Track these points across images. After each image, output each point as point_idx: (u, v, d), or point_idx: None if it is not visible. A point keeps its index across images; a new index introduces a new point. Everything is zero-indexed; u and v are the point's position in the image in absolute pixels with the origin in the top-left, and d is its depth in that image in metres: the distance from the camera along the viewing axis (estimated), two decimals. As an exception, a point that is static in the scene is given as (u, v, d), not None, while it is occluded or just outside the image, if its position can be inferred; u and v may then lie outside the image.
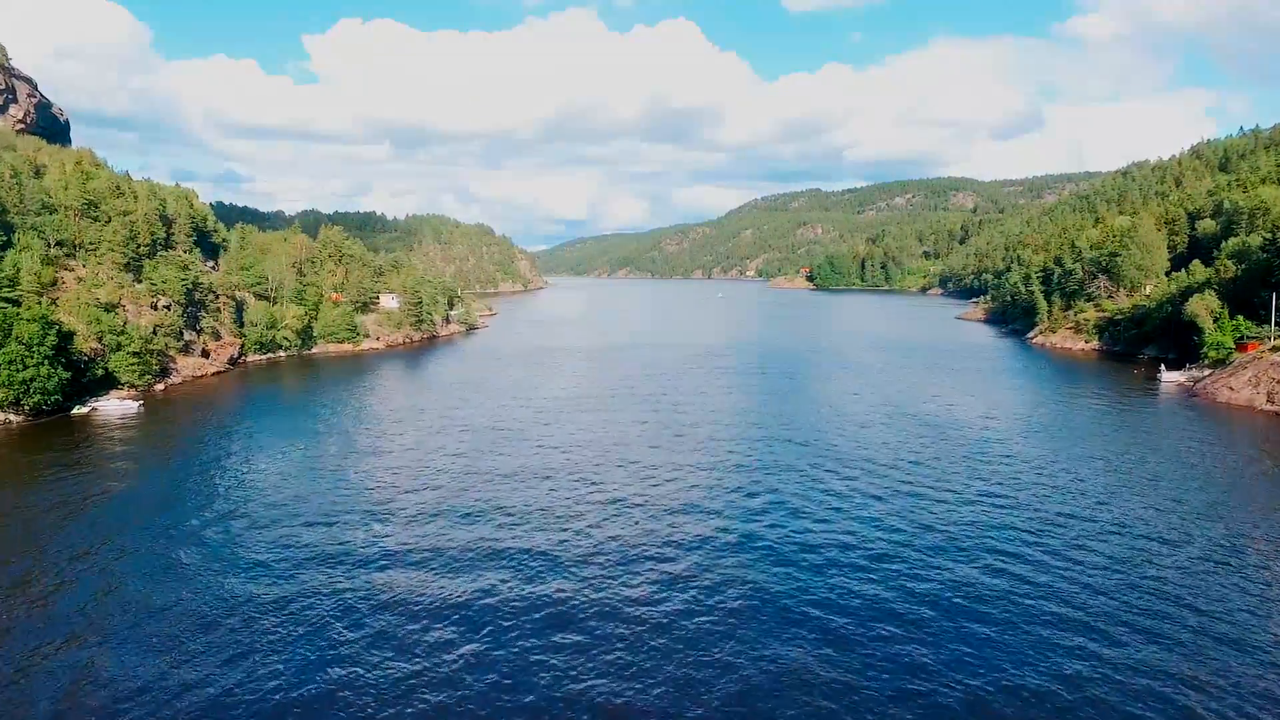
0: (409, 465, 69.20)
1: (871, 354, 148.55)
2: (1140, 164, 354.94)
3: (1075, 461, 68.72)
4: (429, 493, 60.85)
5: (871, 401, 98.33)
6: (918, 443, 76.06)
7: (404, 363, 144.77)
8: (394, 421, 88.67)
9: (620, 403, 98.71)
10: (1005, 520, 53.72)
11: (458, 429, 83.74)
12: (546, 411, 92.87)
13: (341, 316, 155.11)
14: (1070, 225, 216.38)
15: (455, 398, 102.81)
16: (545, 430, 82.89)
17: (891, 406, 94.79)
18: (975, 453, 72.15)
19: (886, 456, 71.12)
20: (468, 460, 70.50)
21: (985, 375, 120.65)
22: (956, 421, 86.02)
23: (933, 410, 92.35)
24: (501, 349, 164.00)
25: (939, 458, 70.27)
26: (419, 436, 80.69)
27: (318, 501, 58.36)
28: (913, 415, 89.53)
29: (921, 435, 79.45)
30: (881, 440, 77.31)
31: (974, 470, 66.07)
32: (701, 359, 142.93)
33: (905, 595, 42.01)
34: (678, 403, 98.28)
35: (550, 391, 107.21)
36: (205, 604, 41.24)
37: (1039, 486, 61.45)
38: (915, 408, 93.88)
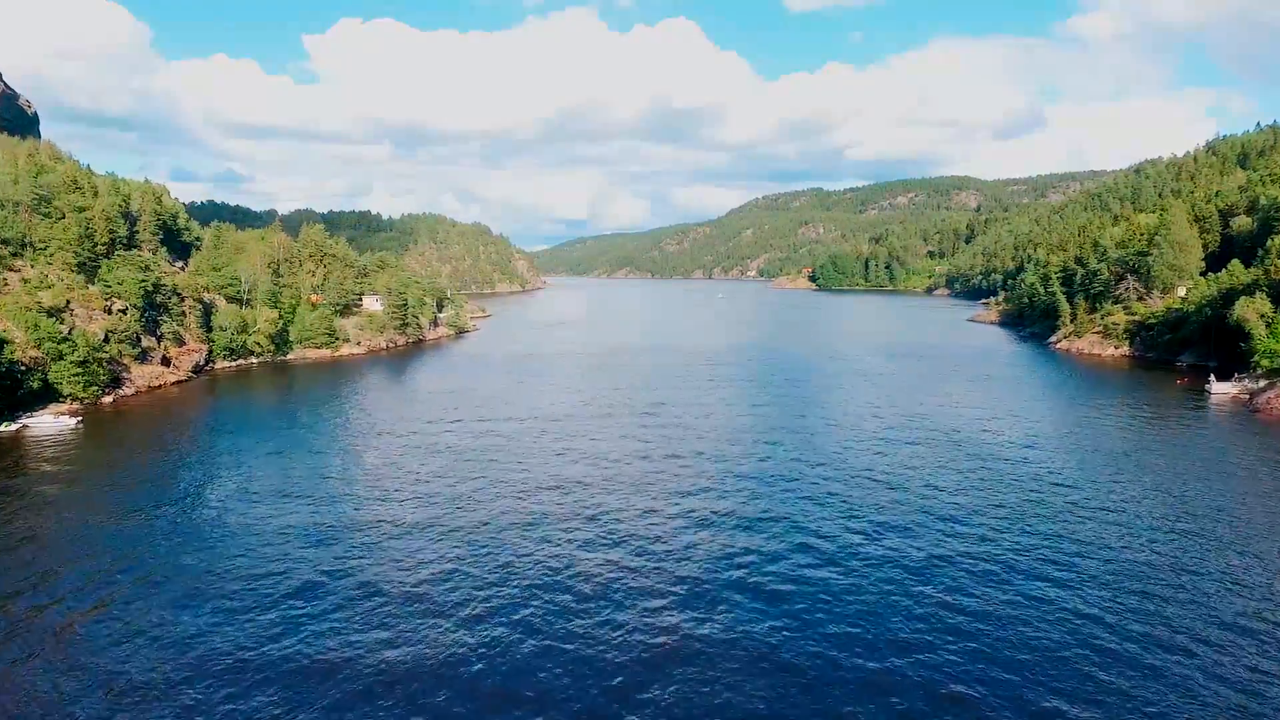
0: (361, 497, 59.80)
1: (882, 360, 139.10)
2: (1153, 161, 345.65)
3: (1130, 487, 59.35)
4: (380, 541, 51.45)
5: (890, 417, 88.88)
6: (949, 467, 66.66)
7: (383, 370, 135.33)
8: (356, 440, 79.20)
9: (615, 418, 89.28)
10: (1067, 560, 44.42)
11: (425, 451, 74.23)
12: (529, 431, 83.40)
13: (319, 320, 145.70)
14: (1089, 223, 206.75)
15: (431, 412, 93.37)
16: (526, 457, 73.41)
17: (912, 423, 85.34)
18: (1017, 479, 62.74)
19: (915, 483, 61.78)
20: (430, 498, 61.07)
21: (1010, 385, 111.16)
22: (988, 440, 76.58)
23: (959, 426, 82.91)
24: (491, 354, 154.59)
25: (978, 485, 60.89)
26: (380, 460, 71.24)
27: (256, 545, 48.99)
28: (938, 432, 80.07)
29: (951, 457, 70.05)
30: (907, 464, 67.88)
31: (1021, 500, 56.68)
32: (703, 366, 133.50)
33: (972, 658, 32.69)
34: (679, 419, 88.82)
35: (536, 404, 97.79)
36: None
37: (1096, 521, 52.09)
38: (939, 424, 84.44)
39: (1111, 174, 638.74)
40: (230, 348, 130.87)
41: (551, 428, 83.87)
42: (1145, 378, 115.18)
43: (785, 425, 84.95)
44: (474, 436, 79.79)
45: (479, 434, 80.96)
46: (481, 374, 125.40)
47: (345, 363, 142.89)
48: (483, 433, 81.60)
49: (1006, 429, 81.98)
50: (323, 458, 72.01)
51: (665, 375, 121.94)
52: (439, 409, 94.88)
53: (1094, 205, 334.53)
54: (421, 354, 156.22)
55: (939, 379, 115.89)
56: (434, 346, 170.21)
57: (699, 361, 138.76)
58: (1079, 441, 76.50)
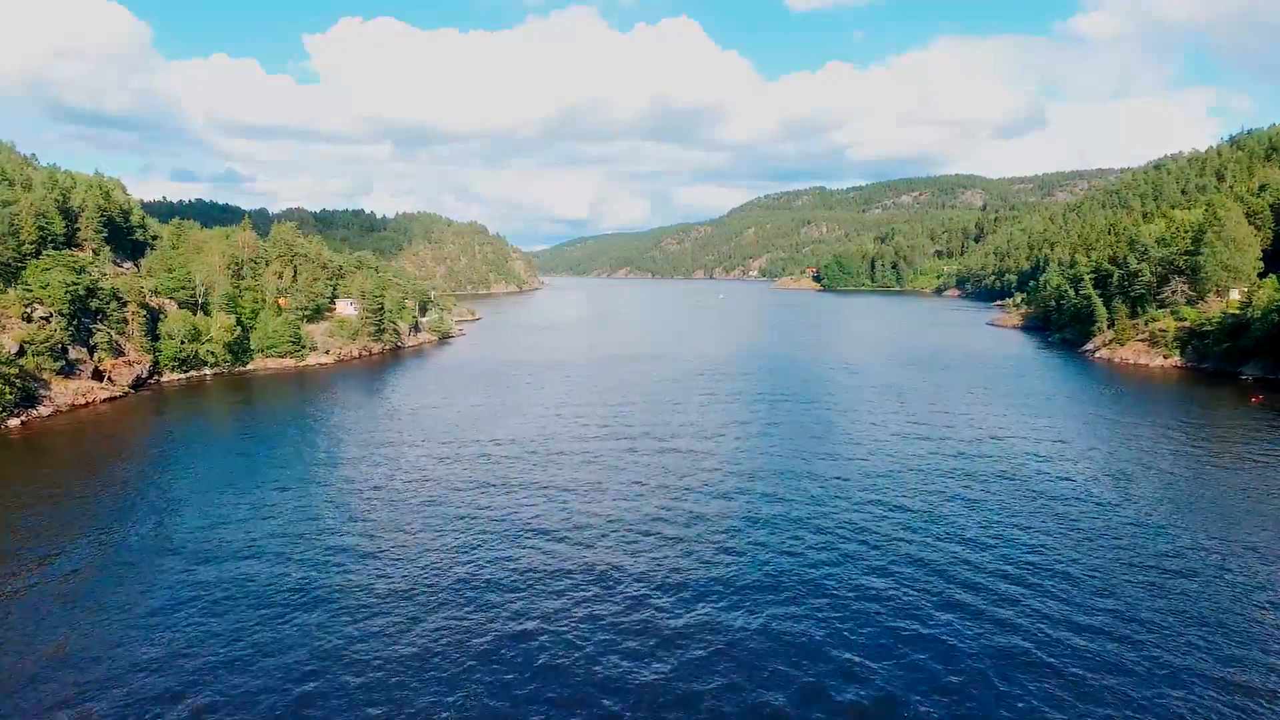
0: (281, 554, 46.56)
1: (903, 372, 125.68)
2: (1174, 156, 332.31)
3: (1228, 534, 46.10)
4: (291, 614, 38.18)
5: (924, 446, 75.52)
6: (1012, 520, 53.41)
7: (349, 383, 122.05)
8: (287, 475, 65.87)
9: (605, 446, 75.98)
10: (1159, 623, 31.23)
11: (370, 494, 61.00)
12: (501, 466, 70.09)
13: (283, 326, 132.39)
14: (1117, 221, 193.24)
15: (387, 439, 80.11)
16: (492, 502, 60.16)
17: (951, 453, 72.03)
18: (1097, 530, 49.52)
19: (970, 535, 48.57)
20: (374, 555, 47.83)
21: (1056, 404, 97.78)
22: (1049, 477, 63.25)
23: (1008, 456, 69.62)
24: (473, 364, 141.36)
25: (1049, 538, 47.66)
26: (319, 502, 58.03)
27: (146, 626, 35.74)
28: (985, 467, 66.78)
29: (1008, 500, 56.82)
30: (959, 513, 54.61)
31: (1112, 562, 43.44)
32: (705, 379, 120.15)
33: None
34: (679, 447, 75.48)
35: (514, 429, 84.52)
36: None
37: (1195, 580, 38.85)
38: (983, 454, 71.17)
39: (1120, 172, 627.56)
40: (179, 358, 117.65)
41: (527, 460, 70.58)
42: (1209, 394, 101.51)
43: (804, 454, 71.59)
44: (435, 469, 66.57)
45: (440, 469, 67.71)
46: (457, 389, 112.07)
47: (311, 374, 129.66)
48: (446, 467, 68.34)
49: (1069, 462, 68.63)
50: (243, 499, 58.74)
51: (664, 390, 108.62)
52: (397, 435, 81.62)
53: (1112, 202, 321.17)
54: (397, 364, 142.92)
55: (970, 396, 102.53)
56: (414, 354, 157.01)
57: (701, 373, 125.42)
58: (1164, 480, 63.14)
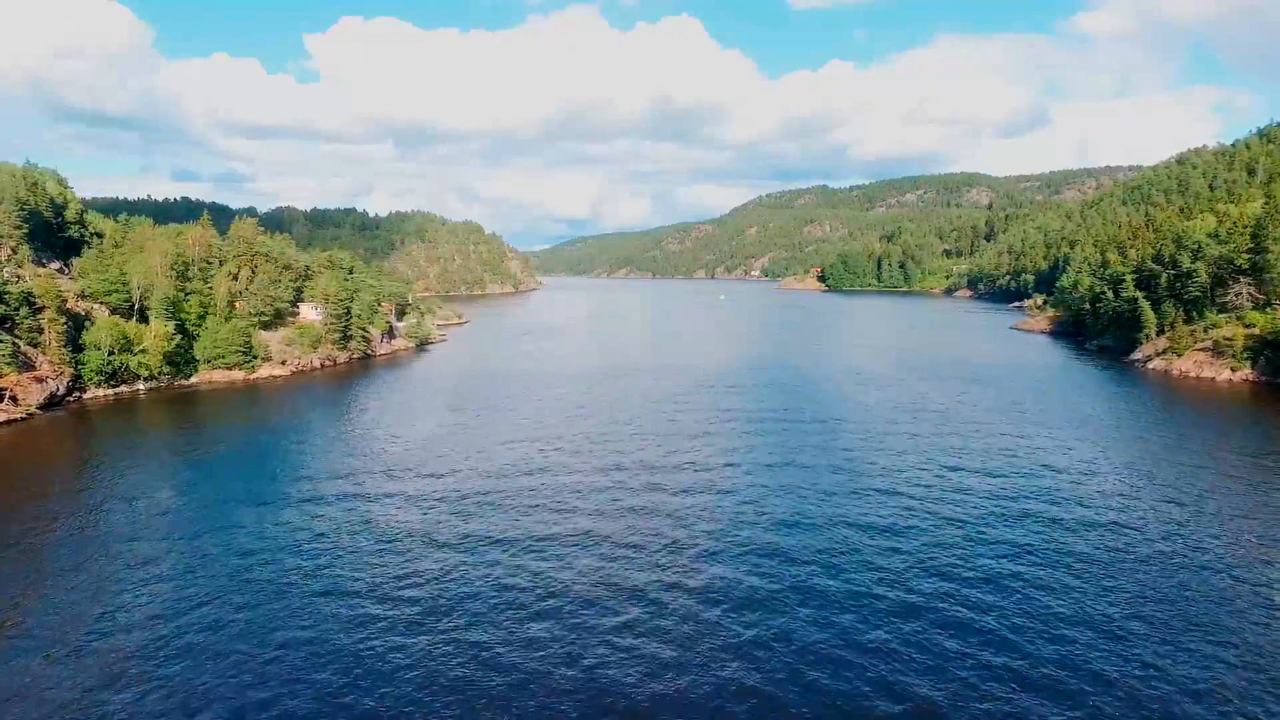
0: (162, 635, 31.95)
1: (932, 386, 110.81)
2: (1197, 150, 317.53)
3: None
4: None
5: (976, 487, 60.83)
6: (1103, 598, 38.77)
7: (300, 399, 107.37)
8: (181, 524, 51.20)
9: (580, 489, 61.29)
10: None
11: (288, 556, 46.31)
12: (447, 515, 55.38)
13: (231, 334, 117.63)
14: (1167, 216, 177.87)
15: (324, 472, 65.42)
16: (426, 567, 45.45)
17: (1011, 495, 57.37)
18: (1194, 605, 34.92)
19: (1055, 605, 33.95)
20: (284, 636, 33.19)
21: (1119, 428, 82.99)
22: (1141, 535, 48.57)
23: (1084, 500, 54.92)
24: (446, 376, 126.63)
25: (1161, 624, 33.04)
26: (217, 561, 43.40)
27: None
28: (1055, 516, 52.12)
29: (1097, 571, 42.16)
30: (1035, 586, 39.92)
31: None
32: (706, 395, 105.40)
33: None
34: (678, 490, 60.80)
35: (472, 463, 69.81)
36: None
37: None
38: (1051, 499, 56.51)
39: (1129, 169, 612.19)
40: (106, 371, 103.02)
41: (482, 510, 55.87)
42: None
43: (833, 500, 56.85)
44: (373, 515, 51.88)
45: (380, 516, 53.01)
46: (418, 409, 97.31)
47: (262, 387, 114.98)
48: (387, 514, 53.64)
49: (1160, 510, 53.89)
50: (114, 556, 44.03)
51: (660, 412, 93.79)
52: (335, 469, 66.92)
53: (1134, 199, 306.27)
54: (362, 376, 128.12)
55: (1017, 418, 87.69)
56: (386, 363, 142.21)
57: (705, 389, 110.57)
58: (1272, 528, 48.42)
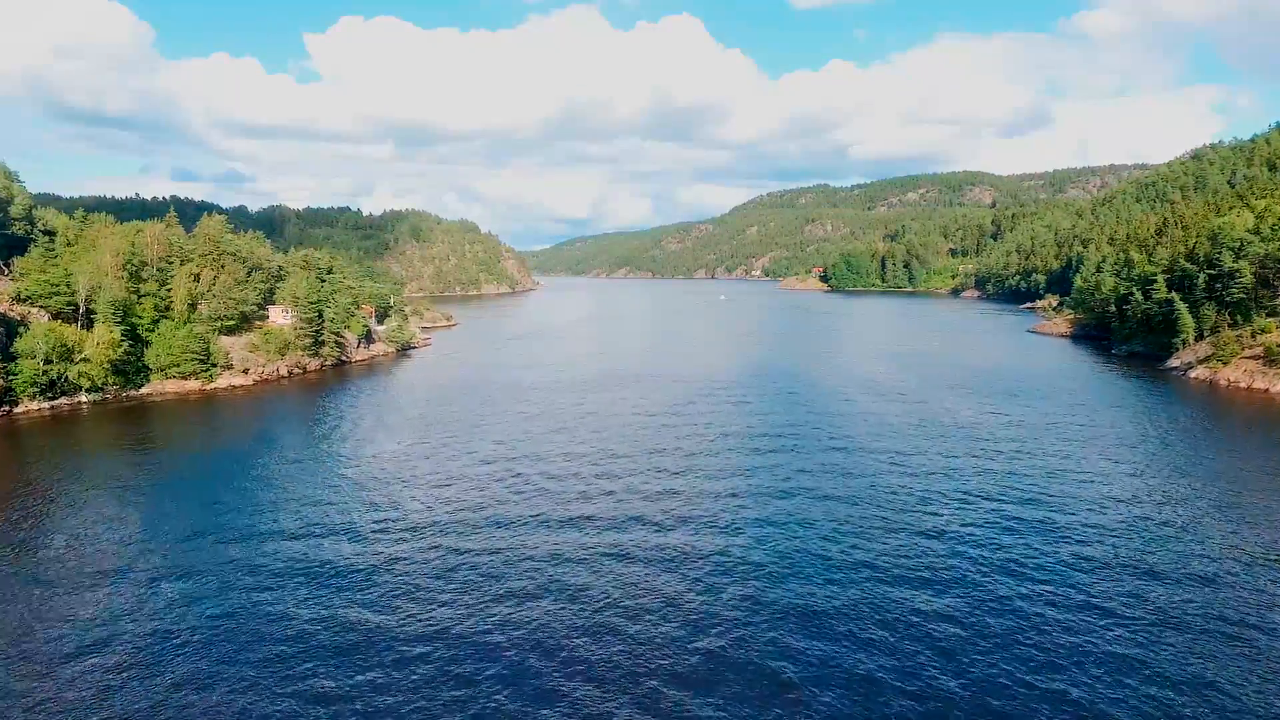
0: None
1: (957, 399, 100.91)
2: (1214, 145, 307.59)
3: None
4: None
5: (1017, 520, 51.04)
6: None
7: (258, 413, 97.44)
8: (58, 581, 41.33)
9: (554, 531, 51.45)
10: None
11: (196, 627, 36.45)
12: (400, 561, 45.47)
13: (187, 340, 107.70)
14: (1200, 212, 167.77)
15: (260, 506, 55.53)
16: (381, 646, 35.52)
17: (1062, 531, 47.54)
18: None
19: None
20: None
21: (1170, 451, 73.16)
22: (1231, 584, 38.80)
23: (1145, 542, 45.12)
24: (423, 386, 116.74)
25: None
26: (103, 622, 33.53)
27: None
28: (1108, 553, 42.33)
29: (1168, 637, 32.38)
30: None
31: None
32: (703, 410, 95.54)
33: None
34: (674, 537, 50.96)
35: (432, 496, 59.97)
36: None
37: None
38: (1104, 536, 46.71)
39: (1134, 167, 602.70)
40: (43, 382, 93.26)
41: (439, 558, 46.03)
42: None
43: (859, 543, 46.98)
44: (313, 556, 42.02)
45: (324, 557, 43.12)
46: (383, 425, 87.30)
47: (220, 399, 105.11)
48: (330, 556, 43.76)
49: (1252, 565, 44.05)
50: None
51: (656, 431, 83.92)
52: (275, 498, 57.04)
53: (1148, 196, 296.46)
54: (333, 385, 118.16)
55: (1059, 438, 77.76)
56: (362, 370, 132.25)
57: (703, 401, 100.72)
58: None
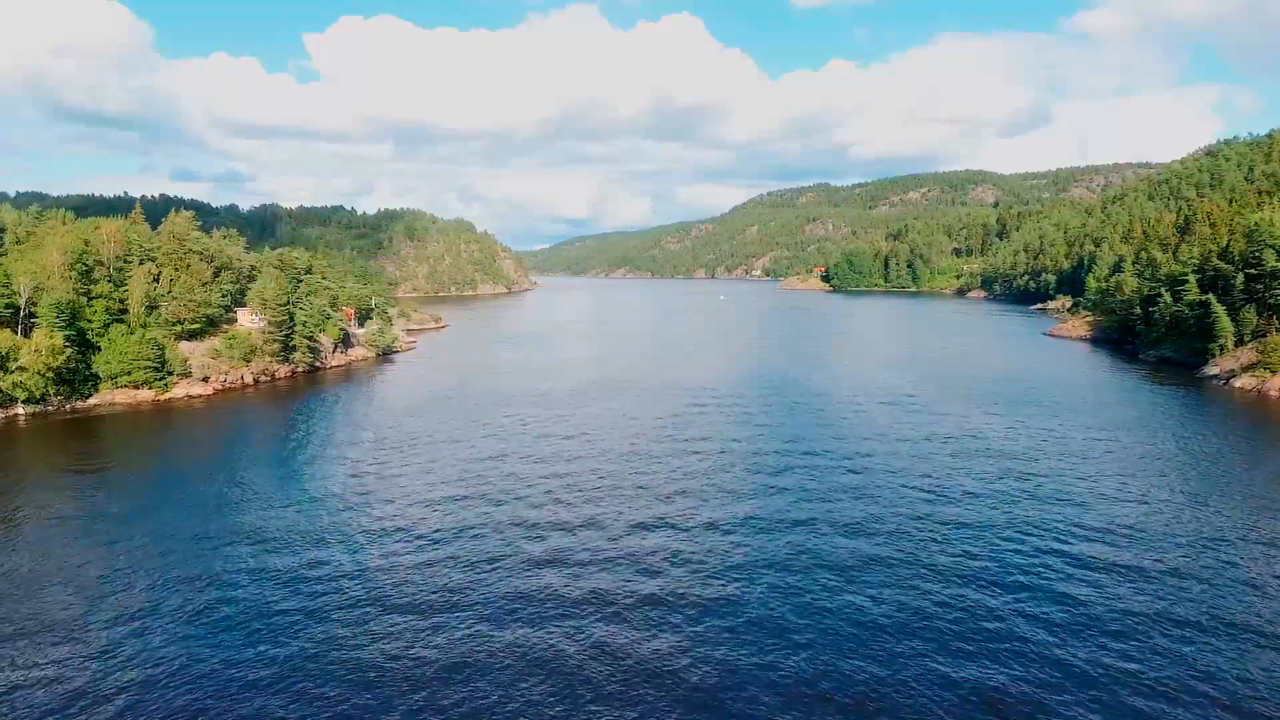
0: None
1: (975, 411, 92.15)
2: (1229, 141, 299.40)
3: None
4: None
5: (1080, 568, 42.40)
6: None
7: (211, 426, 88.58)
8: None
9: (523, 576, 42.72)
10: None
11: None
12: (343, 617, 36.69)
13: (139, 346, 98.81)
14: (1219, 209, 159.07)
15: (183, 535, 46.77)
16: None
17: (1137, 585, 38.88)
18: None
19: None
20: None
21: (1237, 480, 64.58)
22: None
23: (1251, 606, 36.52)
24: (399, 396, 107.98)
25: None
26: None
27: None
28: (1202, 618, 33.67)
29: None
30: None
31: None
32: (700, 424, 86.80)
33: None
34: (666, 594, 42.24)
35: (383, 543, 51.24)
36: None
37: None
38: (1197, 600, 38.07)
39: (1139, 166, 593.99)
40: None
41: (387, 614, 37.25)
42: None
43: (890, 594, 38.29)
44: (240, 598, 33.28)
45: (259, 599, 34.35)
46: (348, 442, 78.44)
47: (176, 409, 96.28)
48: (263, 598, 34.98)
49: None
50: None
51: (647, 452, 75.17)
52: (206, 530, 48.27)
53: (1161, 193, 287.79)
54: (302, 393, 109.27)
55: (1106, 462, 69.10)
56: (338, 377, 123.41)
57: (700, 413, 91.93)
58: None
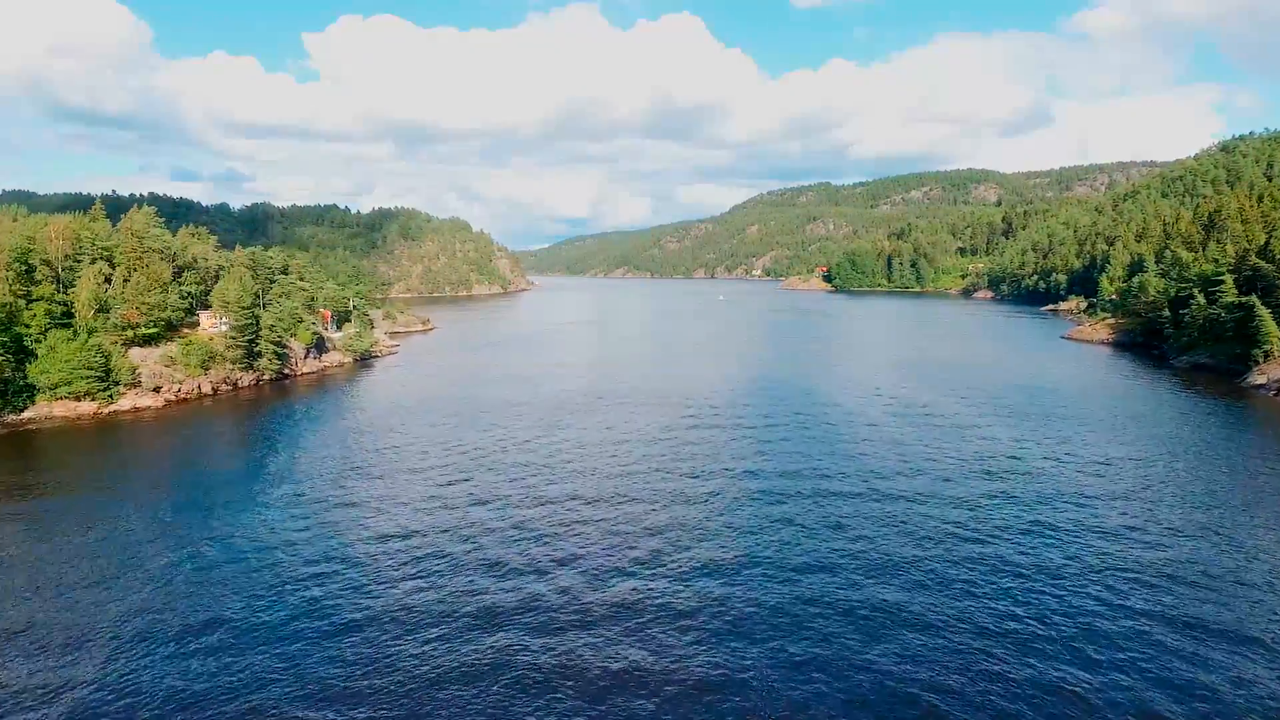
0: None
1: (1005, 428, 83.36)
2: (1244, 137, 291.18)
3: None
4: None
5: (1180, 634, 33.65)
6: None
7: (154, 445, 79.65)
8: None
9: (487, 631, 33.92)
10: None
11: None
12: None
13: (80, 353, 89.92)
14: (1251, 205, 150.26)
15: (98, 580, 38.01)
16: None
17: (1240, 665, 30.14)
18: None
19: None
20: None
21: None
22: None
23: None
24: (370, 409, 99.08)
25: None
26: None
27: None
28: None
29: None
30: None
31: None
32: (697, 441, 77.95)
33: None
34: (645, 631, 33.41)
35: (327, 593, 42.43)
36: None
37: None
38: None
39: (1143, 164, 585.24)
40: (-116, 409, 75.78)
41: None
42: None
43: (948, 669, 29.58)
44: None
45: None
46: (299, 469, 69.64)
47: (119, 424, 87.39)
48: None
49: None
50: None
51: (634, 476, 66.37)
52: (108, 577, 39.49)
53: (1175, 190, 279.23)
54: (266, 404, 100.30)
55: (1174, 490, 60.44)
56: (306, 386, 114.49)
57: (696, 429, 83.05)
58: None
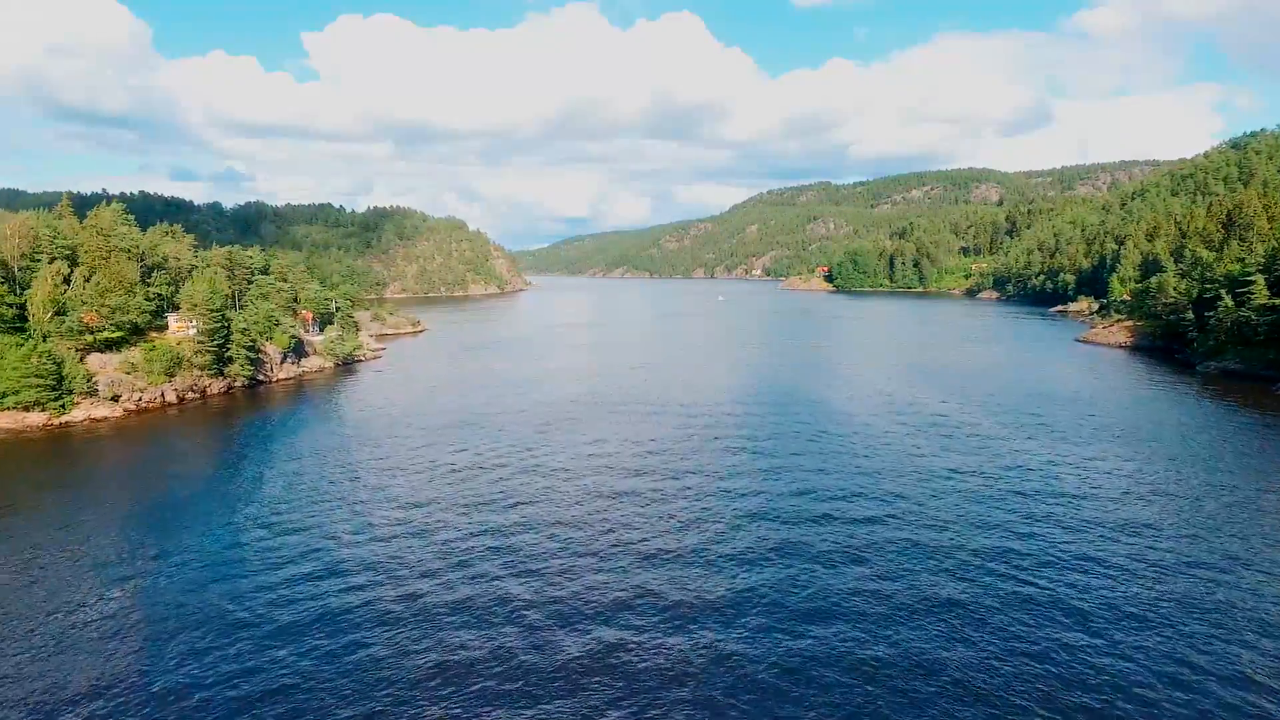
0: None
1: (1029, 441, 76.93)
2: (1256, 134, 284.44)
3: None
4: None
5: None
6: None
7: (102, 459, 73.18)
8: None
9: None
10: None
11: None
12: None
13: (28, 360, 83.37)
14: (1275, 202, 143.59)
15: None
16: None
17: None
18: None
19: None
20: None
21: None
22: None
23: None
24: (348, 420, 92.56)
25: None
26: None
27: None
28: None
29: None
30: None
31: None
32: (693, 456, 71.50)
33: None
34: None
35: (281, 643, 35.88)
36: None
37: None
38: None
39: (1147, 164, 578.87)
40: None
41: None
42: None
43: None
44: None
45: None
46: (271, 481, 63.13)
47: (71, 437, 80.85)
48: None
49: None
50: None
51: (624, 499, 59.90)
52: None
53: (1185, 188, 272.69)
54: (235, 415, 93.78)
55: (1230, 523, 54.03)
56: (281, 394, 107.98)
57: (693, 443, 76.55)
58: None
